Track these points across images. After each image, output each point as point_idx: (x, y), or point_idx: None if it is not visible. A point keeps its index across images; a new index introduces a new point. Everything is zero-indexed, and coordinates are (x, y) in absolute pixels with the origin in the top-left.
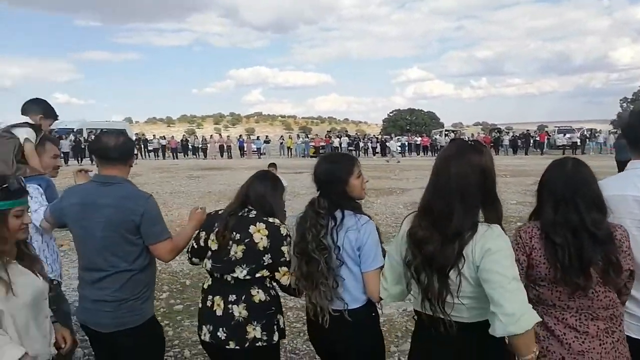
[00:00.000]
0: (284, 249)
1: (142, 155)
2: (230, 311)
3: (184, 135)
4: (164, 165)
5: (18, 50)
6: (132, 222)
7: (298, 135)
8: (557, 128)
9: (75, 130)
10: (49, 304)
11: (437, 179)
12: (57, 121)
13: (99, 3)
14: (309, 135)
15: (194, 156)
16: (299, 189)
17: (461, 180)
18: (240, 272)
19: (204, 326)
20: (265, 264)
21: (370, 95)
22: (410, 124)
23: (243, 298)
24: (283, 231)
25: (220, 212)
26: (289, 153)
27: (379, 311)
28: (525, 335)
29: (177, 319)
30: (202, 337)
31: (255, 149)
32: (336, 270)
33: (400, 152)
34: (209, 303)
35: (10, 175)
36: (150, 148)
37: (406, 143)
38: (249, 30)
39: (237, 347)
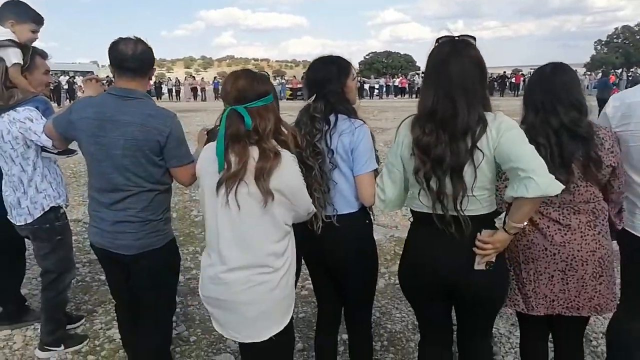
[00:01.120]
0: None
1: None
2: None
3: (155, 77)
4: None
5: None
6: (156, 143)
7: (274, 78)
8: (532, 70)
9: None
10: (55, 233)
11: (437, 79)
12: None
13: None
14: (285, 78)
15: (168, 99)
16: None
17: (463, 77)
18: None
19: None
20: None
21: (345, 38)
22: (386, 67)
23: None
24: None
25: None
26: None
27: (372, 218)
28: (539, 201)
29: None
30: None
31: None
32: (329, 174)
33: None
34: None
35: (4, 103)
36: None
37: (384, 85)
38: None
39: None
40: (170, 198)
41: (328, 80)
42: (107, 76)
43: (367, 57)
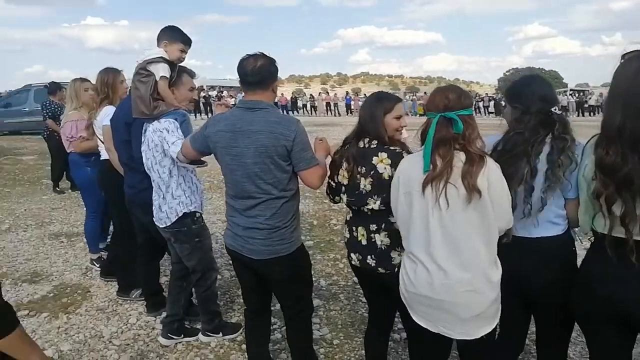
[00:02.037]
0: None
1: None
2: (373, 240)
3: (292, 93)
4: None
5: (145, 16)
6: (283, 148)
7: (405, 94)
8: None
9: (196, 87)
10: (193, 235)
11: (625, 97)
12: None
13: None
14: (416, 94)
15: (303, 113)
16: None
17: None
18: (374, 203)
19: (352, 254)
20: None
21: (484, 54)
22: None
23: (383, 226)
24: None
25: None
26: None
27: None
28: None
29: (309, 253)
30: (353, 263)
31: None
32: (543, 193)
33: None
34: (354, 233)
35: (150, 113)
36: None
37: None
38: None
39: (387, 272)
40: (298, 206)
41: (548, 99)
42: (233, 104)
43: (507, 73)
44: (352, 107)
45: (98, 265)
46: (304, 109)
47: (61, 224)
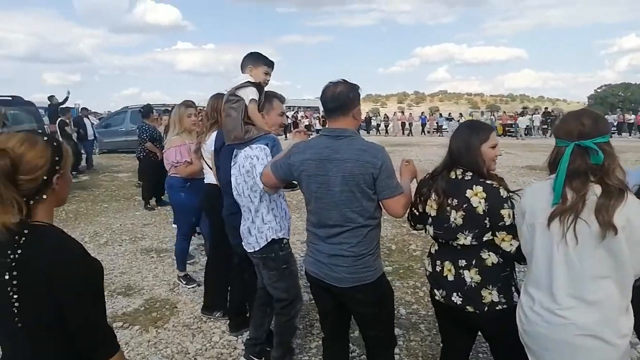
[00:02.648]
0: (504, 212)
1: None
2: (462, 276)
3: (367, 113)
4: None
5: (229, 39)
6: (370, 176)
7: (482, 113)
8: None
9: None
10: (281, 262)
11: None
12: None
13: None
14: (494, 113)
15: (377, 133)
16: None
17: None
18: (465, 239)
19: (436, 290)
20: (487, 227)
21: (571, 70)
22: (623, 101)
23: (474, 262)
24: (502, 193)
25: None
26: None
27: None
28: None
29: (389, 280)
30: (436, 298)
31: (437, 127)
32: None
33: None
34: (438, 268)
35: (242, 138)
36: None
37: (615, 122)
38: (438, 5)
39: (476, 311)
40: (380, 233)
41: None
42: (307, 124)
43: (598, 90)
44: (428, 126)
45: (185, 283)
46: (378, 128)
47: (151, 240)
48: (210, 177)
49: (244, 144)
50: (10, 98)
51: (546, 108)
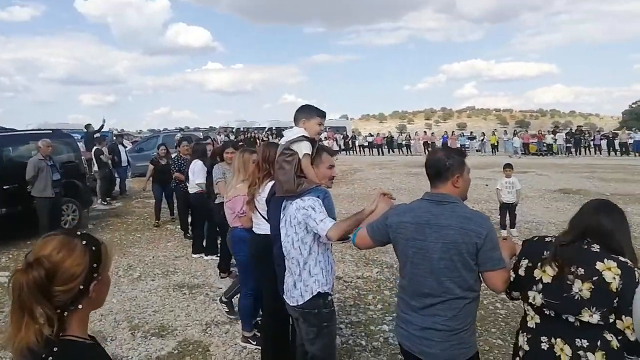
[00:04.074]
0: (637, 295)
1: (352, 151)
2: (582, 359)
3: (388, 132)
4: (382, 162)
5: (257, 59)
6: (474, 245)
7: (506, 131)
8: None
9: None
10: (322, 319)
11: None
12: (289, 120)
13: (325, 9)
14: (516, 131)
15: (399, 152)
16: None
17: None
18: (590, 316)
19: None
20: (614, 307)
21: (605, 84)
22: None
23: (599, 344)
24: (637, 275)
25: (547, 240)
26: (494, 150)
27: None
28: None
29: None
30: None
31: (459, 146)
32: None
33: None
34: (544, 346)
35: (294, 190)
36: (357, 144)
37: None
38: (465, 22)
39: None
40: (477, 308)
41: None
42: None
43: (633, 105)
44: (449, 145)
45: (255, 343)
46: (400, 148)
47: (183, 274)
48: (264, 228)
49: (296, 196)
50: (51, 131)
51: (579, 126)
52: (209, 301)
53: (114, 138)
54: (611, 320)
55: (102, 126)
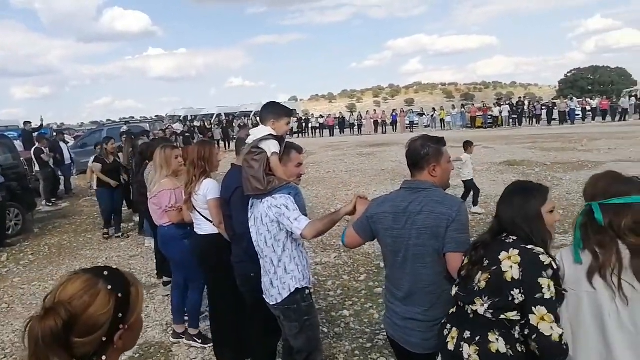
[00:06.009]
0: (543, 281)
1: (304, 134)
2: (461, 349)
3: (339, 112)
4: (334, 143)
5: (200, 43)
6: (445, 228)
7: (453, 106)
8: None
9: (254, 112)
10: (302, 313)
11: None
12: (237, 105)
13: None
14: (464, 106)
15: (351, 133)
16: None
17: None
18: (481, 306)
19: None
20: (514, 301)
21: (541, 53)
22: (593, 84)
23: (477, 339)
24: (544, 259)
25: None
26: (442, 125)
27: None
28: None
29: (379, 302)
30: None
31: (409, 123)
32: None
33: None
34: (446, 332)
35: (264, 189)
36: (310, 126)
37: (578, 107)
38: None
39: None
40: None
41: None
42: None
43: (568, 74)
44: (398, 123)
45: (200, 342)
46: (352, 128)
47: (139, 274)
48: (205, 228)
49: (266, 194)
50: None
51: (520, 97)
52: (167, 300)
53: (54, 134)
54: (507, 319)
55: (41, 125)
